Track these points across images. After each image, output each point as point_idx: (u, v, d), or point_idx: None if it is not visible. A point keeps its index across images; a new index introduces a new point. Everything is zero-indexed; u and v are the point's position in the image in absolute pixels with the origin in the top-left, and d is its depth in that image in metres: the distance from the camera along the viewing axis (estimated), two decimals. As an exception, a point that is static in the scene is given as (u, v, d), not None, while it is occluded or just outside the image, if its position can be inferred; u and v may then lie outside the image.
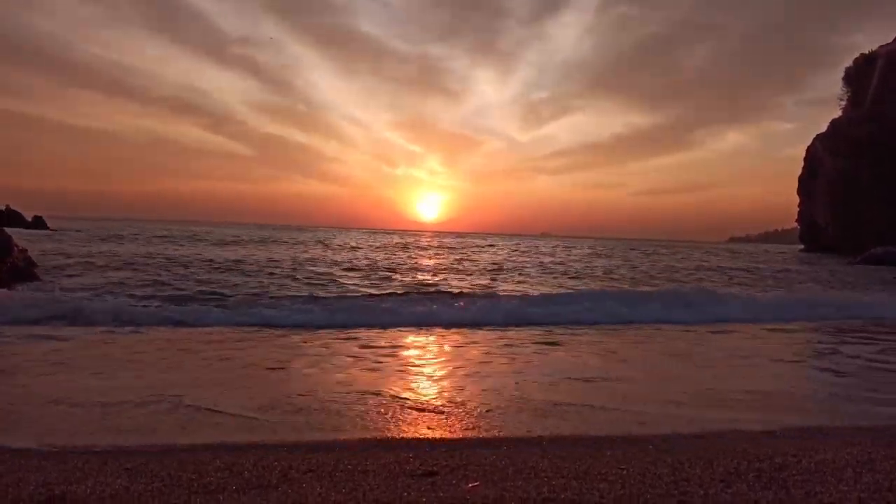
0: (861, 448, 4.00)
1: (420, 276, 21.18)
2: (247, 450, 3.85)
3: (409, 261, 29.85)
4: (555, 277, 23.45)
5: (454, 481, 3.27)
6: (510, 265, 29.18)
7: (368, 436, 4.34)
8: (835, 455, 3.81)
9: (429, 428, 4.61)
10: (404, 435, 4.40)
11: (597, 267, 30.50)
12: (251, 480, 3.26)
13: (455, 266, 27.70)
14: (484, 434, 4.45)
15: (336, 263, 25.14)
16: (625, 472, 3.46)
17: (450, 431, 4.52)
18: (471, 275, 23.13)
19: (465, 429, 4.59)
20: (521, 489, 3.14)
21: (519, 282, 21.22)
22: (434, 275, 22.31)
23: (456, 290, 16.16)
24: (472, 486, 3.19)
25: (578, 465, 3.59)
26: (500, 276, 23.24)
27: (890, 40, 73.52)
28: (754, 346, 9.44)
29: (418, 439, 4.28)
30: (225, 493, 3.07)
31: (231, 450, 3.84)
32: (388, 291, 15.58)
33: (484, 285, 19.11)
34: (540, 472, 3.43)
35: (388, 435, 4.39)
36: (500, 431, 4.51)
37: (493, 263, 29.91)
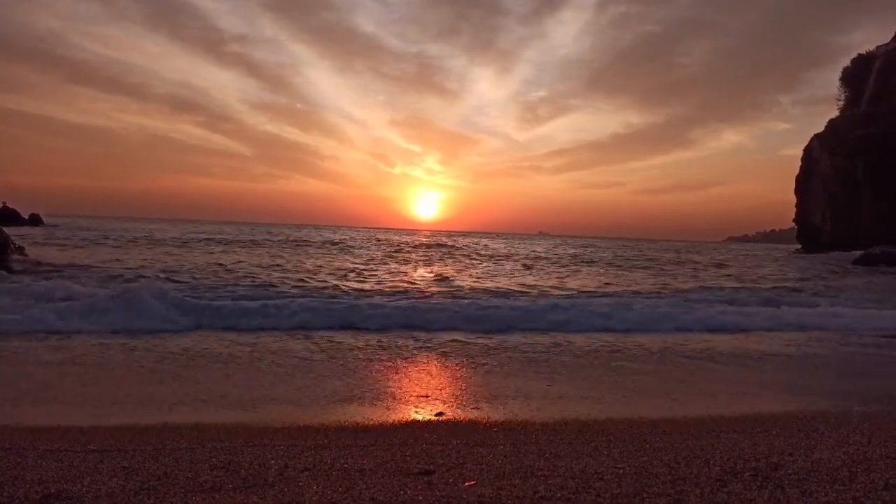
0: (857, 447, 4.01)
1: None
2: (243, 448, 3.84)
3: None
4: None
5: (451, 480, 3.27)
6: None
7: (365, 434, 4.34)
8: (830, 454, 3.82)
9: (426, 426, 4.61)
10: (401, 433, 4.40)
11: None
12: (248, 479, 3.25)
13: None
14: (481, 432, 4.45)
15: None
16: (621, 470, 3.46)
17: (447, 430, 4.51)
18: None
19: (463, 427, 4.59)
20: (518, 488, 3.14)
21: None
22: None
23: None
24: (469, 485, 3.19)
25: (575, 463, 3.59)
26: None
27: (888, 40, 73.66)
28: None
29: (415, 437, 4.27)
30: (221, 491, 3.06)
31: (228, 449, 3.83)
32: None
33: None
34: (536, 471, 3.43)
35: (385, 433, 4.39)
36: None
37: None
